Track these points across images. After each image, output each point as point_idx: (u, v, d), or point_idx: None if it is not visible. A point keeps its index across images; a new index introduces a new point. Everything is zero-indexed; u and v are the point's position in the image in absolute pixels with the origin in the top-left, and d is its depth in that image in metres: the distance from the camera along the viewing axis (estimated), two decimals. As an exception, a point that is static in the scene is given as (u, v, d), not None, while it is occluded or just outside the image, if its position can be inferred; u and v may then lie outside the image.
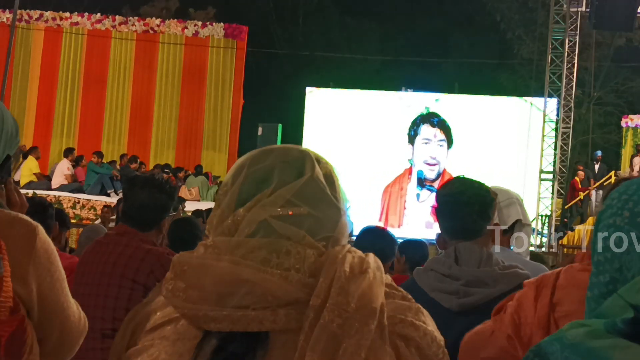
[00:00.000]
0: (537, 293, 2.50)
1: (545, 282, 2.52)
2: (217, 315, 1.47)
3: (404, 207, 20.19)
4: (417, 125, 20.30)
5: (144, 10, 31.91)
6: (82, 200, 18.28)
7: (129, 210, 4.12)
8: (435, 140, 20.20)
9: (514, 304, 2.57)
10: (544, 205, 20.43)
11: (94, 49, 23.69)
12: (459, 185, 3.22)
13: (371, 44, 35.69)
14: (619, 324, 1.22)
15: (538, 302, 2.48)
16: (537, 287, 2.52)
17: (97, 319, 3.75)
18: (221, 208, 1.63)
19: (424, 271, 3.16)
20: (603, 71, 31.90)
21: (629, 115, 28.18)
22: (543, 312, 2.45)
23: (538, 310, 2.46)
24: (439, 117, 20.32)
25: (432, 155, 20.12)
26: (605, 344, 1.21)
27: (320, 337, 1.44)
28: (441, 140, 20.19)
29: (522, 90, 27.15)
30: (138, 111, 23.57)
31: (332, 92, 21.75)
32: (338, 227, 1.62)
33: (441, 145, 20.17)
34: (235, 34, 23.91)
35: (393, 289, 1.60)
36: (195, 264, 1.54)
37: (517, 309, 2.55)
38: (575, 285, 2.42)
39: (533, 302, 2.49)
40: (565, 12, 20.98)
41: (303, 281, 1.50)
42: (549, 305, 2.45)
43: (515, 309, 2.55)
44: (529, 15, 32.46)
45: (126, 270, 3.88)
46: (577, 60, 21.35)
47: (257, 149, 1.70)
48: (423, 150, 20.16)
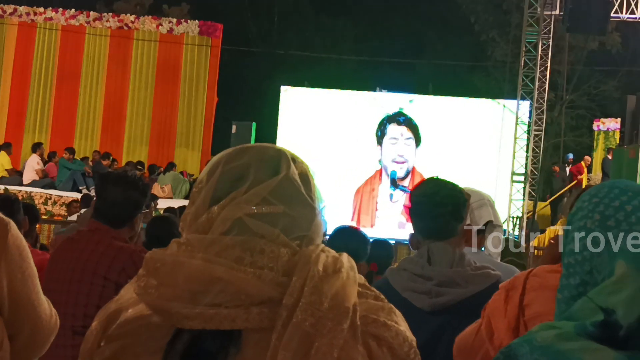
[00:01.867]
0: (507, 296, 2.52)
1: (515, 284, 2.54)
2: (190, 313, 1.47)
3: (375, 207, 20.20)
4: (384, 126, 20.28)
5: (117, 5, 31.71)
6: (53, 196, 18.17)
7: (101, 207, 4.10)
8: (402, 139, 20.20)
9: (487, 309, 2.58)
10: (516, 207, 20.50)
11: (68, 45, 23.54)
12: (432, 186, 3.23)
13: (346, 44, 35.72)
14: (589, 326, 1.23)
15: (508, 305, 2.49)
16: (507, 290, 2.54)
17: (68, 315, 3.73)
18: (195, 205, 1.63)
19: (397, 271, 3.17)
20: (576, 74, 32.06)
21: (601, 119, 28.35)
22: (512, 314, 2.47)
23: (508, 313, 2.48)
24: (405, 115, 20.33)
25: (399, 153, 20.10)
26: (574, 346, 1.22)
27: (293, 336, 1.44)
28: (408, 138, 20.18)
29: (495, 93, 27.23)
30: (111, 108, 23.43)
31: (306, 91, 21.71)
32: (312, 226, 1.62)
33: (408, 144, 20.18)
34: (210, 32, 23.84)
35: (366, 289, 1.60)
36: (169, 261, 1.54)
37: (489, 313, 2.56)
38: (546, 287, 2.44)
39: (503, 305, 2.51)
40: (539, 15, 21.06)
41: (276, 280, 1.50)
42: (518, 308, 2.46)
43: (488, 314, 2.57)
44: (503, 17, 32.61)
45: (98, 267, 3.86)
46: (550, 63, 21.43)
47: (233, 147, 1.70)
48: (391, 149, 20.16)
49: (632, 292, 1.27)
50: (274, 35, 35.53)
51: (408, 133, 20.23)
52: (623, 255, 1.35)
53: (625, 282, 1.30)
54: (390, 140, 20.22)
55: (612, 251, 1.38)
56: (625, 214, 1.41)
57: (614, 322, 1.23)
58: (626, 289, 1.28)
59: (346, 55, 33.48)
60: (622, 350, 1.21)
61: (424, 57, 34.72)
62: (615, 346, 1.21)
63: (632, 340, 1.22)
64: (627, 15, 20.69)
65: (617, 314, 1.23)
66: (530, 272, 2.56)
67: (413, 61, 33.83)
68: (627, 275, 1.32)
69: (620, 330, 1.22)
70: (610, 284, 1.32)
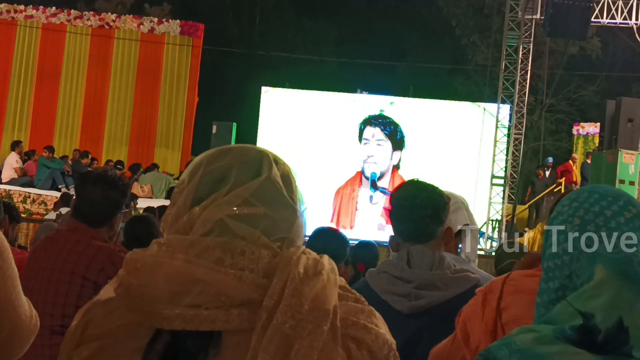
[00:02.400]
0: (484, 299, 2.52)
1: (493, 288, 2.54)
2: (170, 314, 1.47)
3: (355, 208, 20.21)
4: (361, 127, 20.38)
5: (98, 4, 31.64)
6: (32, 195, 18.08)
7: (81, 207, 4.08)
8: (373, 140, 20.24)
9: (463, 314, 2.59)
10: (495, 210, 20.57)
11: (48, 43, 23.44)
12: (412, 189, 3.23)
13: (327, 46, 35.77)
14: (567, 330, 1.24)
15: (485, 309, 2.50)
16: (485, 293, 2.55)
17: (46, 315, 3.71)
18: (177, 206, 1.62)
19: (376, 273, 3.17)
20: (556, 79, 32.21)
21: (580, 123, 28.49)
22: (490, 318, 2.47)
23: (485, 317, 2.48)
24: (382, 117, 20.37)
25: (369, 154, 20.16)
26: (553, 350, 1.23)
27: (273, 338, 1.44)
28: (380, 139, 20.23)
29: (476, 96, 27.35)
30: (91, 107, 23.34)
31: (287, 92, 21.71)
32: (294, 228, 1.62)
33: (379, 145, 20.21)
34: (192, 32, 23.78)
35: (347, 291, 1.60)
36: (149, 262, 1.53)
37: (465, 318, 2.57)
38: (522, 291, 2.45)
39: (480, 308, 2.51)
40: (520, 20, 21.14)
41: (257, 282, 1.50)
42: (495, 311, 2.47)
43: (463, 319, 2.57)
44: (484, 21, 32.73)
45: (77, 267, 3.84)
46: (530, 67, 21.51)
47: (216, 148, 1.70)
48: (363, 150, 20.24)
49: (610, 297, 1.28)
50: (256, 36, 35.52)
51: (380, 135, 20.26)
52: (602, 260, 1.36)
53: (604, 287, 1.31)
54: (363, 141, 20.28)
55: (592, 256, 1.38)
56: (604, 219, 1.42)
57: (592, 327, 1.23)
58: (605, 294, 1.29)
59: (327, 56, 33.50)
60: (600, 355, 1.22)
61: (405, 59, 34.81)
62: (593, 350, 1.22)
63: (610, 345, 1.22)
64: (607, 20, 20.79)
65: (596, 319, 1.24)
66: (507, 276, 2.57)
67: (394, 64, 33.90)
68: (606, 280, 1.32)
69: (599, 335, 1.23)
70: (589, 288, 1.32)
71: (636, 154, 16.33)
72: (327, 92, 21.69)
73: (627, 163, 16.05)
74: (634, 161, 16.12)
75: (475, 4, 33.41)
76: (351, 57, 32.60)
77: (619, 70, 32.24)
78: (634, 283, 1.33)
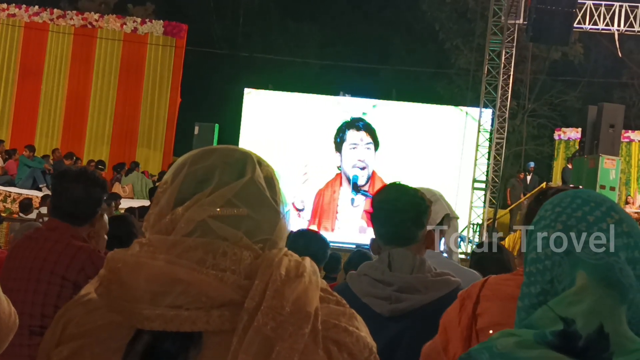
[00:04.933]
0: (462, 305, 2.53)
1: (471, 293, 2.54)
2: (150, 314, 1.46)
3: (336, 211, 20.22)
4: (342, 132, 20.32)
5: (82, 4, 31.52)
6: (13, 194, 18.00)
7: (63, 205, 4.04)
8: (362, 144, 20.25)
9: (444, 318, 2.59)
10: (476, 214, 20.61)
11: (31, 42, 23.36)
12: (394, 192, 3.24)
13: (311, 48, 35.77)
14: (548, 335, 1.24)
15: (462, 315, 2.50)
16: (463, 299, 2.55)
17: (25, 315, 3.67)
18: (159, 206, 1.62)
19: (357, 276, 3.17)
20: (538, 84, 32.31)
21: (562, 128, 28.59)
22: (465, 324, 2.47)
23: (461, 322, 2.49)
24: (364, 121, 20.40)
25: (360, 158, 20.15)
26: (533, 354, 1.23)
27: (254, 340, 1.44)
28: (368, 143, 20.25)
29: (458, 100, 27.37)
30: (73, 106, 23.26)
31: (270, 94, 21.70)
32: (276, 230, 1.62)
33: (368, 148, 20.24)
34: (175, 32, 23.74)
35: (328, 294, 1.60)
36: (130, 262, 1.53)
37: (445, 323, 2.57)
38: (498, 297, 2.45)
39: (458, 314, 2.51)
40: (503, 24, 21.20)
41: (238, 283, 1.49)
42: (471, 317, 2.47)
43: (444, 323, 2.57)
44: (467, 25, 32.80)
45: (56, 266, 3.82)
46: (512, 72, 21.58)
47: (200, 149, 1.70)
48: (351, 154, 20.19)
49: (591, 304, 1.28)
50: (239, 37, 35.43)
51: (367, 138, 20.29)
52: (584, 266, 1.37)
53: (585, 293, 1.31)
54: (350, 145, 20.25)
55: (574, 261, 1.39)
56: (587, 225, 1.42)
57: (573, 332, 1.24)
58: (586, 300, 1.29)
59: (311, 59, 33.52)
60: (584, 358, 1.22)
61: (388, 63, 34.86)
62: (574, 356, 1.23)
63: (591, 351, 1.23)
64: (589, 26, 20.90)
65: (577, 325, 1.25)
66: (486, 280, 2.57)
67: (377, 67, 33.96)
68: (587, 286, 1.33)
69: (580, 341, 1.23)
70: (571, 294, 1.33)
71: (617, 159, 16.42)
72: (310, 95, 21.72)
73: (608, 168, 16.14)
74: (615, 167, 16.21)
75: (458, 9, 33.48)
76: (334, 59, 32.63)
77: (601, 76, 32.38)
78: (615, 290, 1.33)
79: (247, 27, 35.81)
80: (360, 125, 20.38)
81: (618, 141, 17.00)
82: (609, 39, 23.24)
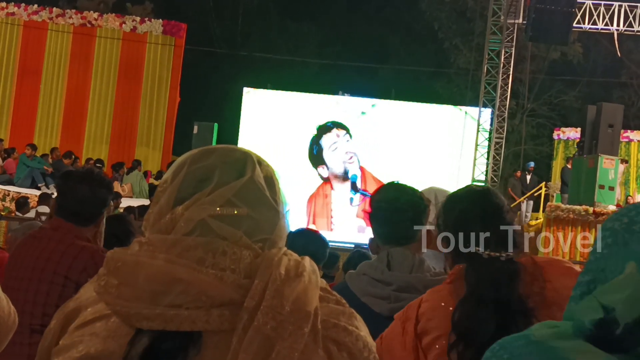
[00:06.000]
0: (403, 328, 2.52)
1: (409, 315, 2.53)
2: (150, 314, 1.46)
3: (330, 215, 20.22)
4: (315, 144, 20.38)
5: (81, 3, 31.52)
6: (12, 193, 18.00)
7: (68, 205, 4.03)
8: (341, 138, 20.30)
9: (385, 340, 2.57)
10: (475, 213, 20.62)
11: (30, 41, 23.38)
12: (393, 192, 3.23)
13: (310, 48, 35.78)
14: (587, 324, 1.24)
15: (405, 337, 2.49)
16: (403, 322, 2.54)
17: (27, 313, 3.68)
18: (159, 205, 1.62)
19: (356, 275, 3.17)
20: (537, 83, 32.37)
21: (561, 128, 28.60)
22: (411, 345, 2.47)
23: (406, 345, 2.48)
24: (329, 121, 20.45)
25: (348, 151, 20.21)
26: (566, 345, 1.23)
27: (254, 340, 1.43)
28: (345, 135, 20.31)
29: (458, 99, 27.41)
30: (72, 105, 23.27)
31: (269, 94, 21.72)
32: (276, 229, 1.62)
33: (348, 140, 20.30)
34: (174, 31, 23.75)
35: (328, 293, 1.60)
36: (130, 261, 1.53)
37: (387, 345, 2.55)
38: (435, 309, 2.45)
39: (401, 337, 2.50)
40: (502, 24, 21.23)
41: (238, 282, 1.49)
42: (414, 339, 2.46)
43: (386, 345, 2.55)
44: (467, 25, 32.84)
45: (59, 266, 3.81)
46: (512, 72, 21.60)
47: (200, 148, 1.70)
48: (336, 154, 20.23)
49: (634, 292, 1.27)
50: (238, 36, 35.48)
51: (342, 131, 20.33)
52: (635, 257, 1.36)
53: (629, 282, 1.30)
54: (330, 147, 20.27)
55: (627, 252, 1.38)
56: None
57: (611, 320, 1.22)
58: (629, 288, 1.28)
59: (310, 58, 33.53)
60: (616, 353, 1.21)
61: (387, 62, 34.88)
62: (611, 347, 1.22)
63: (628, 341, 1.22)
64: (589, 26, 20.93)
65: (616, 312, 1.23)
66: (421, 299, 2.56)
67: (376, 66, 33.98)
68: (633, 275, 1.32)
69: (617, 329, 1.22)
70: (616, 282, 1.32)
71: (616, 159, 16.42)
72: (309, 94, 21.73)
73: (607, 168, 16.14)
74: (614, 166, 16.21)
75: (458, 8, 33.50)
76: (333, 59, 32.65)
77: (600, 76, 32.42)
78: None
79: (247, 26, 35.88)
80: (329, 125, 20.42)
81: (617, 141, 17.01)
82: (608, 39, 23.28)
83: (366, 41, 35.42)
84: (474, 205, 2.60)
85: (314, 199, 20.26)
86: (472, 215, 2.55)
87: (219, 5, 34.47)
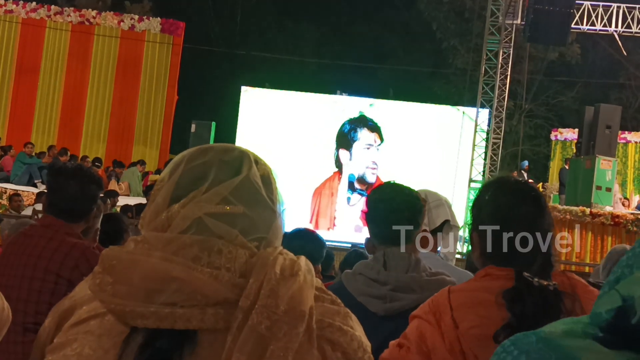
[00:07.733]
0: (437, 318, 2.48)
1: (441, 307, 2.50)
2: (144, 312, 1.46)
3: (334, 209, 20.21)
4: (354, 130, 20.30)
5: (79, 1, 31.51)
6: (8, 190, 17.98)
7: (58, 202, 4.02)
8: (375, 146, 20.27)
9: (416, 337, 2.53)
10: (472, 214, 20.64)
11: (28, 38, 23.39)
12: (389, 191, 3.22)
13: (308, 47, 35.80)
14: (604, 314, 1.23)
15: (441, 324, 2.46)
16: (434, 313, 2.50)
17: (19, 312, 3.67)
18: (155, 203, 1.62)
19: (352, 275, 3.16)
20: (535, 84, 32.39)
21: (559, 129, 28.64)
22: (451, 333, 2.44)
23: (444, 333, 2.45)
24: (372, 120, 20.41)
25: (374, 160, 20.17)
26: (575, 343, 1.23)
27: (248, 339, 1.43)
28: (379, 145, 20.28)
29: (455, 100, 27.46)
30: (70, 103, 23.29)
31: (267, 92, 21.71)
32: (272, 228, 1.62)
33: (378, 150, 20.27)
34: (172, 30, 23.75)
35: (323, 293, 1.60)
36: (125, 259, 1.52)
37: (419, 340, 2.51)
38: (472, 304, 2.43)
39: (437, 328, 2.47)
40: (500, 24, 21.23)
41: (233, 281, 1.49)
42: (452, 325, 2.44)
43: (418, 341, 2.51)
44: (465, 25, 32.86)
45: (50, 263, 3.80)
46: (510, 72, 21.61)
47: (197, 147, 1.69)
48: (365, 155, 20.18)
49: None
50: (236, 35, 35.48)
51: (379, 140, 20.31)
52: None
53: None
54: (364, 145, 20.24)
55: None
56: None
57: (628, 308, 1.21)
58: None
59: (308, 57, 33.56)
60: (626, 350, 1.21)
61: (385, 62, 34.90)
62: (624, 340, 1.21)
63: None
64: (587, 27, 20.93)
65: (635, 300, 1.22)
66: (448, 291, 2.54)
67: (374, 66, 33.99)
68: None
69: (634, 318, 1.21)
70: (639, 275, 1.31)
71: (613, 160, 16.43)
72: (307, 93, 21.71)
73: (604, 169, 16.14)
74: (611, 167, 16.22)
75: (456, 8, 33.53)
76: (332, 58, 32.68)
77: (598, 77, 32.44)
78: None
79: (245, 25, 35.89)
80: (370, 125, 20.39)
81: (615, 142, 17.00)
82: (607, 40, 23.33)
83: (364, 41, 35.46)
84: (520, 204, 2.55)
85: (319, 195, 20.23)
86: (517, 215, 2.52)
87: (218, 4, 34.49)
